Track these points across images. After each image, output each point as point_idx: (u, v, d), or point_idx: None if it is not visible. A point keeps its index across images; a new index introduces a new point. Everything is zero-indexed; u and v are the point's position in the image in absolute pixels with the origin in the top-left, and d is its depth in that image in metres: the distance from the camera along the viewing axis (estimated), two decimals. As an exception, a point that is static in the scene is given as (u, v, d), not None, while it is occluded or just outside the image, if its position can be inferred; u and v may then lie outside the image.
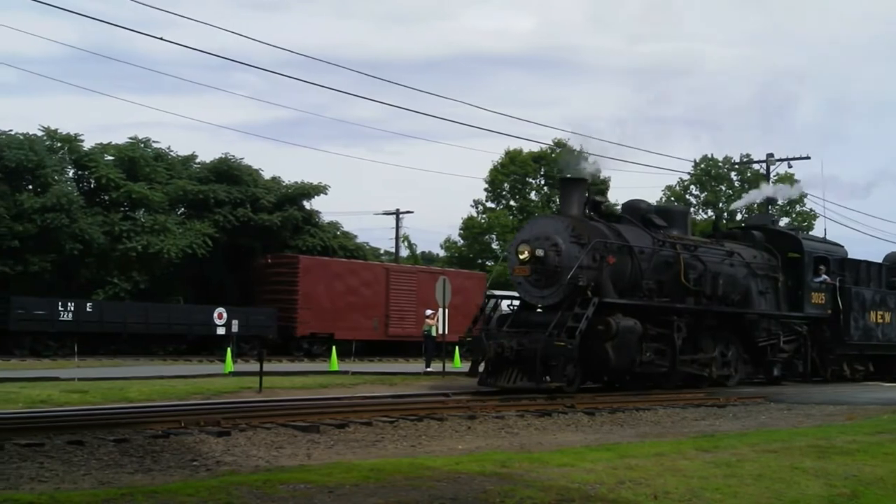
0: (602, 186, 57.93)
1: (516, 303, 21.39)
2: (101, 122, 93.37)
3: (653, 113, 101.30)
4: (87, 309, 34.87)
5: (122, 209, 41.49)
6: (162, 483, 8.40)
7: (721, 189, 66.59)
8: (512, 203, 64.36)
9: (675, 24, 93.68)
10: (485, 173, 64.23)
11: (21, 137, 39.06)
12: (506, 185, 63.80)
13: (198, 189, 42.47)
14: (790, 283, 25.10)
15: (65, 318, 34.04)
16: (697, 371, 21.55)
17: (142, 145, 43.66)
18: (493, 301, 21.18)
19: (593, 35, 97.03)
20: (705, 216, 62.32)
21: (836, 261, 26.89)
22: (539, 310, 19.64)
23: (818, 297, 25.76)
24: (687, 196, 66.11)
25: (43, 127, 41.60)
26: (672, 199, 63.54)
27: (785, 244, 25.68)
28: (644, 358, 19.53)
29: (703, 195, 66.40)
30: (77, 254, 38.55)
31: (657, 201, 63.99)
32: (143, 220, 40.84)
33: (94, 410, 14.06)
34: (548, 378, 18.06)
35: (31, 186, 38.88)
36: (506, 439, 12.88)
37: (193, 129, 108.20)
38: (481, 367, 19.42)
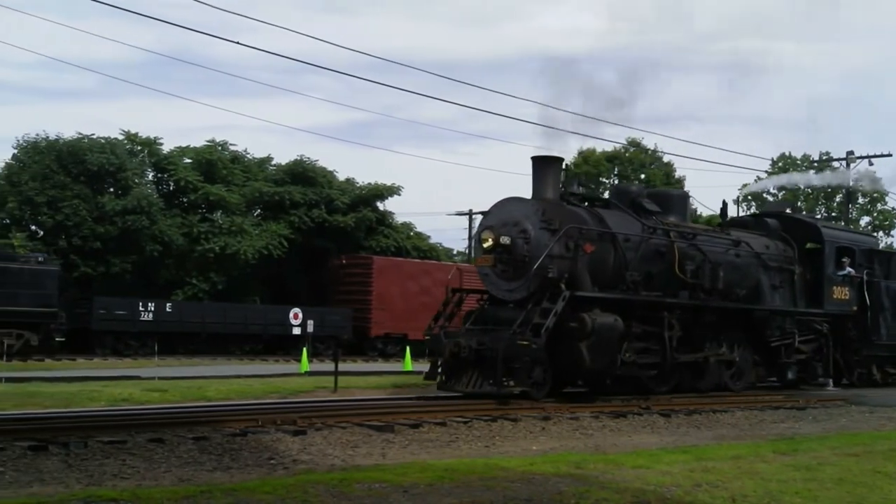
0: (677, 186, 57.37)
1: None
2: (179, 125, 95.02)
3: (729, 111, 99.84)
4: (167, 309, 35.54)
5: (200, 211, 42.19)
6: (240, 481, 8.52)
7: (800, 188, 65.38)
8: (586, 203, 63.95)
9: (751, 21, 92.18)
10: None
11: (102, 141, 39.90)
12: (577, 184, 63.37)
13: (273, 191, 43.00)
14: (809, 277, 22.59)
15: (145, 318, 34.73)
16: (691, 378, 19.15)
17: (219, 148, 44.34)
18: (457, 296, 18.43)
19: (667, 33, 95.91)
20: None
21: (863, 252, 24.23)
22: (511, 305, 17.05)
23: (841, 292, 23.20)
24: (765, 195, 65.08)
25: (123, 131, 42.51)
26: (748, 198, 62.61)
27: (803, 233, 23.03)
28: (626, 358, 17.31)
29: (782, 194, 65.28)
30: (157, 255, 39.28)
31: (734, 201, 63.20)
32: (220, 221, 41.47)
33: (173, 409, 14.30)
34: (510, 382, 15.83)
35: (112, 189, 39.70)
36: (580, 440, 12.81)
37: (269, 132, 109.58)
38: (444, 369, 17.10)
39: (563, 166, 18.45)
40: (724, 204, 22.45)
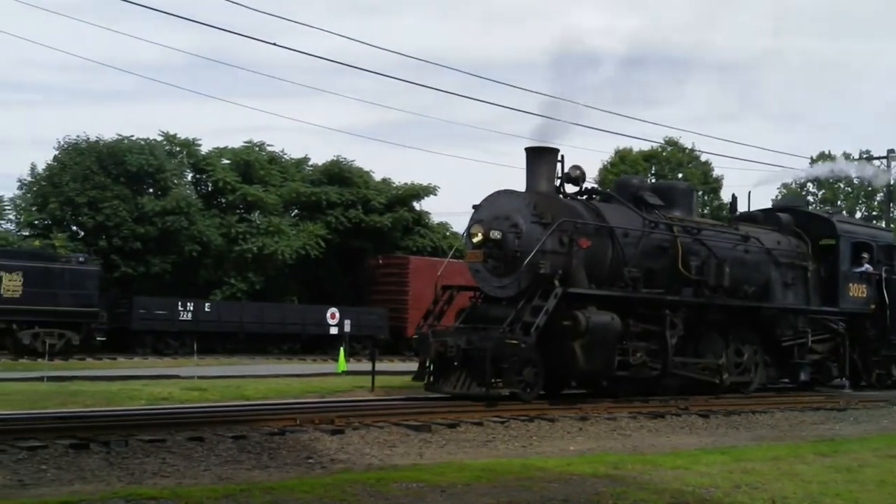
0: (714, 185, 56.97)
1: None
2: (217, 126, 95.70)
3: (764, 109, 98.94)
4: (206, 309, 35.82)
5: (238, 211, 42.48)
6: (279, 480, 8.58)
7: (839, 187, 64.75)
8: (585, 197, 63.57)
9: (783, 19, 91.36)
10: (594, 173, 63.77)
11: (142, 143, 40.27)
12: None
13: (310, 191, 43.20)
14: (823, 274, 21.55)
15: (184, 318, 35.03)
16: (698, 375, 18.31)
17: (256, 149, 44.61)
18: (447, 293, 17.65)
19: (701, 32, 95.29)
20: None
21: (882, 247, 23.13)
22: (505, 303, 16.30)
23: (858, 290, 22.12)
24: (804, 193, 64.49)
25: (162, 132, 42.88)
26: (788, 196, 62.07)
27: (817, 229, 21.99)
28: (634, 360, 16.68)
29: (821, 193, 64.67)
30: (196, 255, 39.59)
31: (773, 199, 62.65)
32: (258, 222, 41.73)
33: (213, 408, 14.40)
34: (499, 383, 15.14)
35: (151, 190, 40.06)
36: (618, 441, 12.77)
37: (306, 132, 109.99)
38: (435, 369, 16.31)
39: (560, 157, 17.50)
40: (734, 198, 21.75)
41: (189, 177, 43.56)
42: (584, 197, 17.88)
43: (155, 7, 15.07)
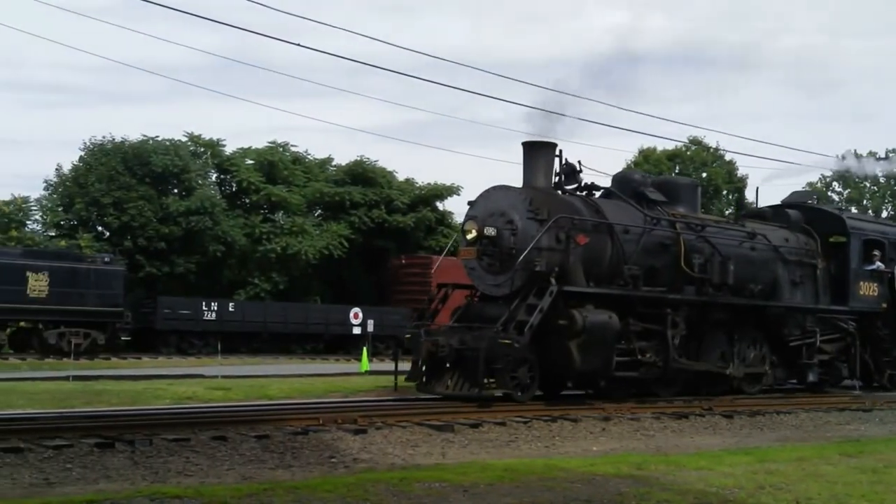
0: (739, 184, 56.69)
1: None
2: (241, 126, 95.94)
3: (789, 107, 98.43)
4: (230, 309, 36.01)
5: (262, 211, 42.66)
6: (302, 479, 8.61)
7: (865, 186, 64.30)
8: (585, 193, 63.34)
9: (810, 16, 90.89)
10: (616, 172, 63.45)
11: (167, 143, 40.51)
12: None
13: (334, 191, 43.33)
14: (834, 272, 20.87)
15: (208, 318, 35.22)
16: (708, 366, 17.80)
17: (280, 149, 44.79)
18: (443, 291, 17.24)
19: (727, 30, 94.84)
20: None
21: (894, 245, 22.36)
22: (501, 302, 15.76)
23: (869, 288, 21.36)
24: (830, 193, 64.08)
25: (187, 133, 43.14)
26: (814, 195, 61.69)
27: (827, 225, 21.30)
28: (646, 359, 16.37)
29: (847, 192, 64.23)
30: (220, 255, 39.80)
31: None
32: (281, 222, 41.92)
33: (236, 407, 14.47)
34: (493, 383, 14.80)
35: (176, 190, 40.29)
36: (641, 441, 12.73)
37: (329, 133, 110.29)
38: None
39: (557, 152, 16.95)
40: (742, 194, 21.70)
41: (213, 177, 43.80)
42: (584, 193, 17.39)
43: (178, 8, 15.14)
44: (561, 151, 16.99)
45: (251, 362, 31.01)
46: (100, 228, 39.72)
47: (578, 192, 17.26)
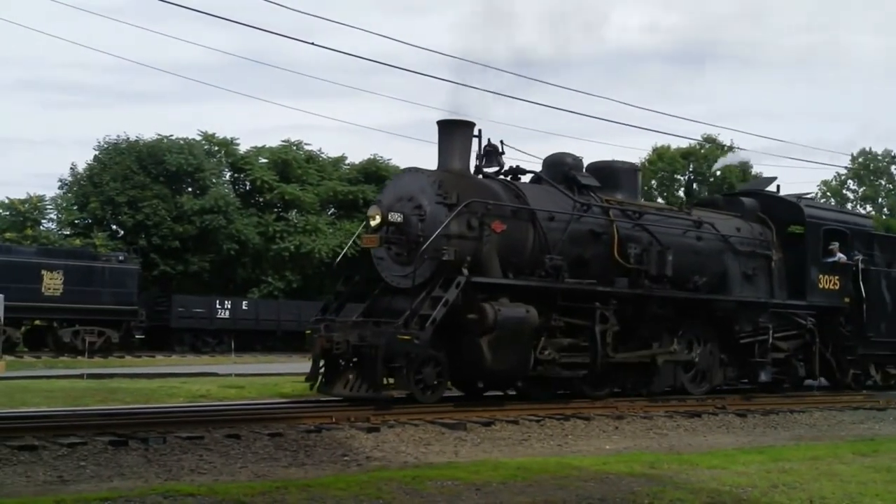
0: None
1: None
2: (255, 125, 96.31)
3: (805, 105, 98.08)
4: (243, 307, 36.16)
5: (276, 210, 42.79)
6: (315, 477, 8.62)
7: (881, 184, 64.03)
8: (660, 200, 63.42)
9: (831, 13, 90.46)
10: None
11: (181, 142, 40.70)
12: (653, 181, 62.96)
13: (347, 190, 43.44)
14: (791, 264, 19.40)
15: (222, 316, 35.38)
16: (640, 358, 16.38)
17: (294, 148, 44.93)
18: (351, 282, 16.05)
19: (746, 28, 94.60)
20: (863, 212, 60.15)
21: (859, 236, 20.83)
22: (421, 295, 14.14)
23: (829, 282, 19.81)
24: (844, 191, 63.85)
25: (201, 132, 43.36)
26: (828, 194, 61.47)
27: (785, 214, 19.79)
28: (543, 356, 14.67)
29: (862, 190, 63.99)
30: (234, 254, 39.96)
31: (814, 196, 62.05)
32: (295, 220, 42.03)
33: (250, 405, 14.47)
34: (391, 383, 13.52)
35: (190, 189, 40.46)
36: (654, 440, 12.71)
37: (343, 131, 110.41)
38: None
39: (477, 132, 15.61)
40: (690, 181, 20.43)
41: (227, 176, 43.96)
42: (509, 177, 16.02)
43: (193, 7, 15.17)
44: (480, 131, 15.70)
45: (265, 360, 31.09)
46: (114, 227, 39.93)
47: (502, 176, 15.94)
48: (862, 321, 20.21)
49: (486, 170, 15.82)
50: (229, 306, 35.50)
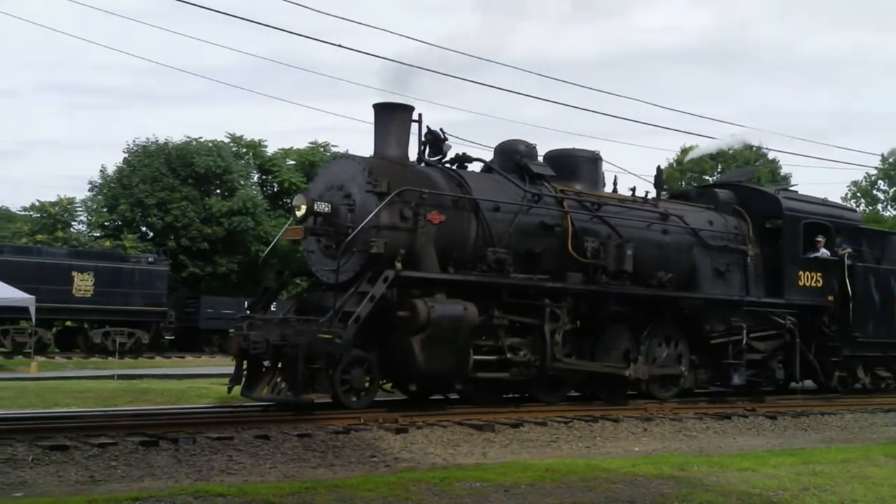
0: (784, 184, 56.14)
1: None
2: (282, 127, 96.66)
3: (833, 106, 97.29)
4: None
5: (304, 212, 42.96)
6: (343, 478, 8.63)
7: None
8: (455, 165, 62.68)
9: (860, 13, 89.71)
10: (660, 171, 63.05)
11: (210, 144, 40.93)
12: (682, 182, 62.62)
13: (374, 191, 43.50)
14: (769, 260, 18.27)
15: (251, 317, 35.51)
16: (602, 368, 15.25)
17: (321, 149, 45.04)
18: (284, 276, 15.32)
19: (774, 28, 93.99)
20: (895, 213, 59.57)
21: (845, 230, 19.66)
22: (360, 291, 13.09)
23: (811, 279, 18.53)
24: (875, 192, 63.25)
25: (229, 134, 43.57)
26: (857, 194, 60.93)
27: (762, 207, 18.65)
28: (482, 357, 13.64)
29: (893, 190, 63.35)
30: (262, 255, 40.15)
31: (842, 198, 61.53)
32: (322, 222, 42.17)
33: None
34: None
35: (218, 191, 40.68)
36: (683, 442, 12.65)
37: (369, 133, 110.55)
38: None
39: (418, 116, 14.66)
40: (659, 170, 18.14)
41: (255, 178, 44.16)
42: (455, 165, 15.04)
43: (221, 10, 15.23)
44: (421, 116, 14.73)
45: (293, 361, 31.15)
46: (144, 229, 40.20)
47: (447, 165, 14.96)
48: (848, 320, 18.96)
49: (429, 158, 14.90)
50: (258, 307, 35.69)
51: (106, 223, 40.19)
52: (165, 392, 17.04)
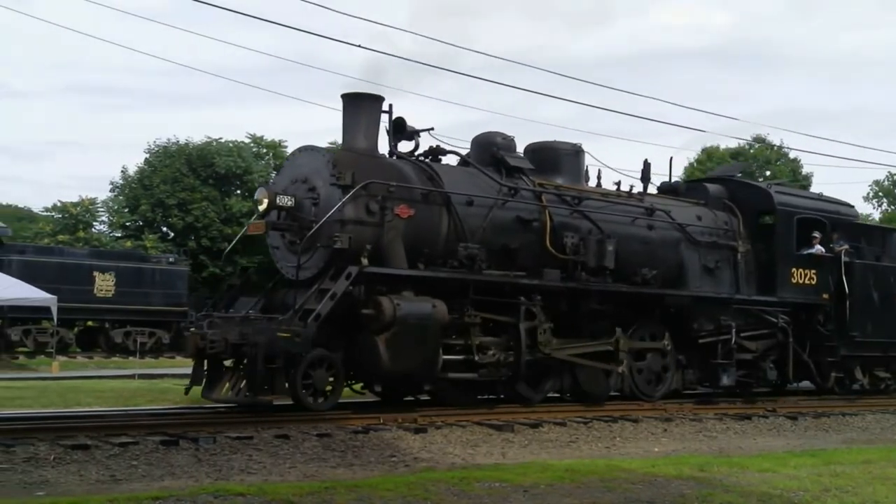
0: (804, 183, 55.87)
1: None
2: (302, 127, 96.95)
3: (850, 104, 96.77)
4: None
5: (323, 212, 43.08)
6: (363, 477, 8.65)
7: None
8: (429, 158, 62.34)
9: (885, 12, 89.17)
10: (680, 171, 62.93)
11: (230, 145, 41.08)
12: (703, 182, 62.36)
13: (394, 191, 43.57)
14: (761, 256, 17.75)
15: (271, 317, 35.60)
16: (586, 362, 14.76)
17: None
18: (246, 274, 14.99)
19: (794, 27, 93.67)
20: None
21: (842, 226, 19.04)
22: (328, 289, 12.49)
23: (805, 276, 17.93)
24: (896, 190, 62.82)
25: (249, 134, 43.69)
26: (879, 193, 60.55)
27: (754, 202, 18.10)
28: (452, 357, 13.19)
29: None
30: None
31: (864, 197, 61.18)
32: (342, 222, 42.26)
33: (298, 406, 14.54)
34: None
35: (239, 191, 40.80)
36: (703, 443, 12.61)
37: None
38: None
39: (388, 107, 14.17)
40: (646, 164, 17.46)
41: (275, 178, 44.34)
42: (429, 158, 14.55)
43: (240, 10, 15.29)
44: (391, 106, 14.22)
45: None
46: (164, 229, 40.38)
47: (420, 158, 14.51)
48: (845, 319, 18.34)
49: (399, 150, 14.45)
50: (277, 307, 35.75)
51: (127, 223, 40.41)
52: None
